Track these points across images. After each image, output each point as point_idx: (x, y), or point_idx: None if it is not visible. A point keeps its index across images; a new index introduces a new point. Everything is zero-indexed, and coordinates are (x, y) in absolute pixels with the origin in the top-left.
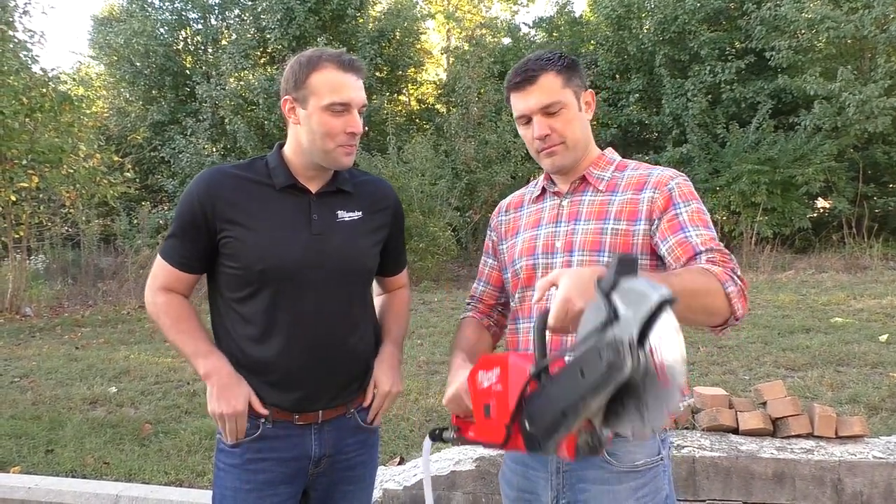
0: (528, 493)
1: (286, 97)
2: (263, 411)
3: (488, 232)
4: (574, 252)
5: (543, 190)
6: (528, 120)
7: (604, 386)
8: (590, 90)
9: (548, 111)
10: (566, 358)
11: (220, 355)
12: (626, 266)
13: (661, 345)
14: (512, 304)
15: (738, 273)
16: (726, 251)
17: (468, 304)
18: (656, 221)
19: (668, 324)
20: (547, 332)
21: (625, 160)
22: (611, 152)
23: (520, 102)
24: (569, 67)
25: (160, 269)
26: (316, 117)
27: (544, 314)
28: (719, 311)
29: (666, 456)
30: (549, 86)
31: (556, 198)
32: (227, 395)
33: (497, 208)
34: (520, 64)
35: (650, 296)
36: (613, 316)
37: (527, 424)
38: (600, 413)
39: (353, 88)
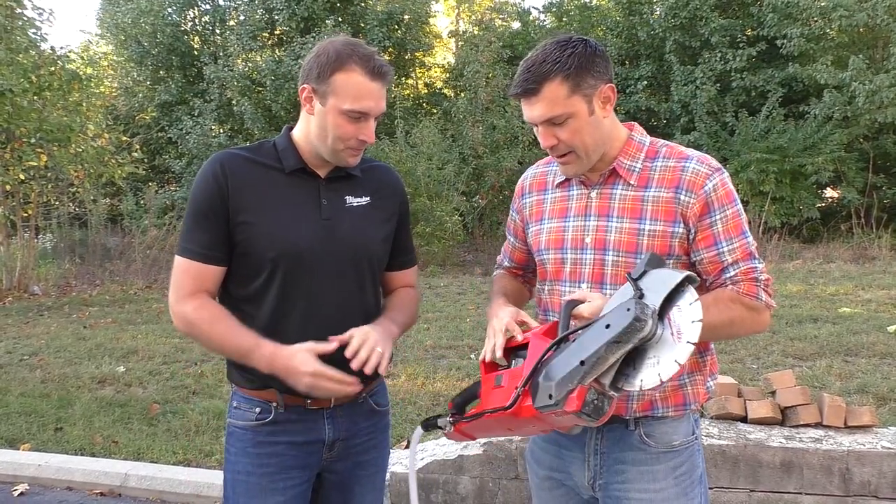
0: (559, 472)
1: (306, 84)
2: (331, 347)
3: (511, 213)
4: (607, 251)
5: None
6: (535, 125)
7: (626, 337)
8: (608, 84)
9: (552, 122)
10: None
11: (265, 343)
12: (655, 261)
13: (679, 313)
14: (541, 294)
15: (764, 283)
16: (752, 265)
17: (496, 266)
18: (693, 229)
19: (687, 297)
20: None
21: (654, 142)
22: (640, 134)
23: (524, 110)
24: (580, 69)
25: (182, 272)
26: (331, 118)
27: (573, 301)
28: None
29: (699, 435)
30: (553, 97)
31: (583, 187)
32: (295, 373)
33: (519, 188)
34: (523, 67)
35: (673, 276)
36: (640, 295)
37: (541, 380)
38: (611, 373)
39: (375, 98)
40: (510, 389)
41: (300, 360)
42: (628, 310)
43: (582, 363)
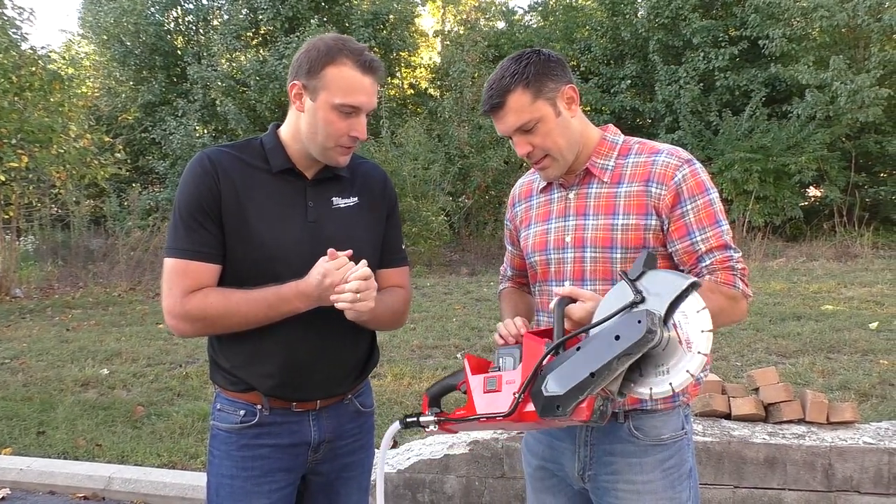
0: (551, 462)
1: (296, 81)
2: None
3: (506, 222)
4: (586, 248)
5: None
6: (510, 137)
7: (636, 349)
8: (569, 85)
9: (523, 130)
10: (591, 332)
11: (283, 286)
12: (651, 260)
13: (685, 320)
14: (535, 296)
15: (741, 272)
16: (727, 254)
17: (501, 279)
18: (665, 220)
19: (693, 303)
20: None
21: (628, 140)
22: (613, 133)
23: (497, 126)
24: (539, 75)
25: (177, 274)
26: (322, 114)
27: (564, 299)
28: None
29: (689, 431)
30: (518, 106)
31: (562, 189)
32: (323, 296)
33: (510, 199)
34: (487, 86)
35: (678, 281)
36: (641, 298)
37: (545, 390)
38: (619, 380)
39: (367, 92)
40: (507, 395)
41: (314, 274)
42: (639, 322)
43: (592, 375)
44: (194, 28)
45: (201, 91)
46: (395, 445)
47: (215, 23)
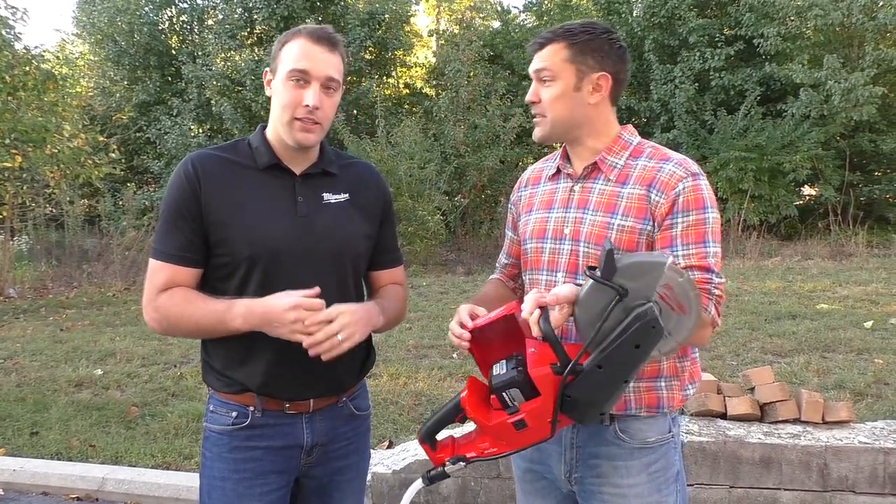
0: (539, 464)
1: (266, 69)
2: (313, 292)
3: (509, 207)
4: (581, 241)
5: (559, 169)
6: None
7: (654, 346)
8: (603, 74)
9: (539, 76)
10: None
11: (238, 301)
12: (613, 255)
13: (671, 293)
14: (525, 284)
15: (716, 299)
16: (706, 276)
17: (496, 268)
18: (656, 227)
19: (672, 276)
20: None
21: (642, 142)
22: (629, 133)
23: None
24: (586, 45)
25: (155, 274)
26: (278, 86)
27: (545, 310)
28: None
29: (676, 434)
30: (551, 55)
31: (569, 180)
32: (274, 314)
33: (518, 183)
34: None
35: (657, 262)
36: (624, 291)
37: (585, 407)
38: None
39: (316, 60)
40: (541, 424)
41: (277, 298)
42: (654, 327)
43: (626, 381)
44: (189, 27)
45: (196, 90)
46: (390, 445)
47: (210, 22)
